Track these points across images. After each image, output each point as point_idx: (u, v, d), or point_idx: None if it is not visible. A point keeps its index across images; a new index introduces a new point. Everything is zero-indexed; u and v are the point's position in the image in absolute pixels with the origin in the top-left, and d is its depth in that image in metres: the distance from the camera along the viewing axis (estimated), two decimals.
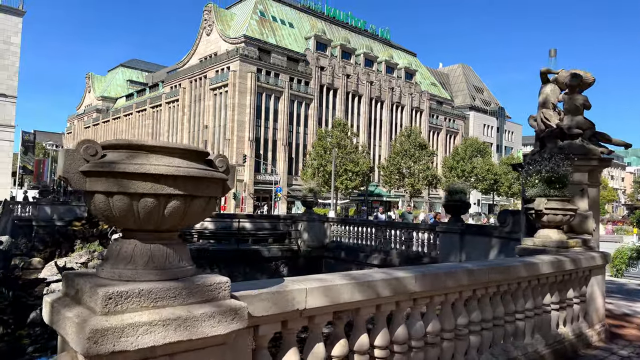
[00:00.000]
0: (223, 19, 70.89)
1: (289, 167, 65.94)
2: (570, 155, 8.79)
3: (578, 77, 9.20)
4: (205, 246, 15.87)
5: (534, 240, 6.69)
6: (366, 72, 76.99)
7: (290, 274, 16.42)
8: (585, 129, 9.33)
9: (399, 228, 14.79)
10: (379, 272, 3.33)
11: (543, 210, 6.54)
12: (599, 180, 9.18)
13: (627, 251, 12.77)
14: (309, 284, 2.79)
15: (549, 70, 9.99)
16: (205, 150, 2.36)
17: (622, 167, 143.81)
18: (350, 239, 16.34)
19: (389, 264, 14.63)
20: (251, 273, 15.75)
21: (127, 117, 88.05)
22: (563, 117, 9.63)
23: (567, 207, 6.48)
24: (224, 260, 15.52)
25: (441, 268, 3.82)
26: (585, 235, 7.92)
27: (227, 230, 16.51)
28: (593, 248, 7.35)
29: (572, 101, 9.30)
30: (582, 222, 7.99)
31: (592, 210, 8.92)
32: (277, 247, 16.18)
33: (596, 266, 5.88)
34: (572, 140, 8.91)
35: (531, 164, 7.46)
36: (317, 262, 16.77)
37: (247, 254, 15.57)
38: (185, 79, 72.09)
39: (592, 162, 8.63)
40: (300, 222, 16.90)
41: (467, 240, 12.14)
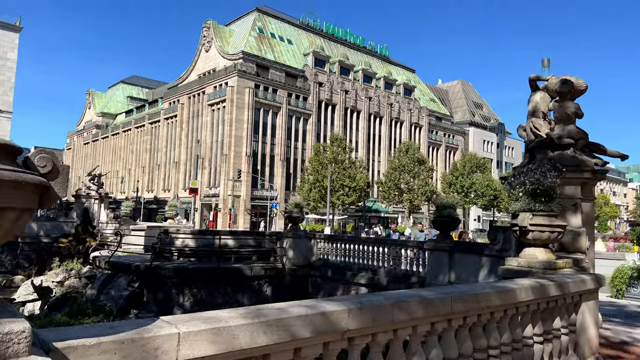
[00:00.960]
0: (222, 36, 71.11)
1: (286, 183, 65.32)
2: (560, 167, 8.14)
3: (568, 83, 8.60)
4: (184, 265, 15.15)
5: (518, 260, 6.00)
6: (365, 88, 76.89)
7: (274, 294, 15.65)
8: (577, 139, 8.70)
9: (386, 245, 14.07)
10: (300, 306, 2.64)
11: (528, 227, 5.87)
12: (593, 194, 8.50)
13: (628, 270, 12.00)
14: (189, 325, 2.11)
15: (538, 77, 9.40)
16: (10, 143, 1.71)
17: (624, 183, 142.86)
18: (338, 257, 15.60)
19: (376, 283, 13.89)
20: (233, 293, 14.99)
21: (126, 133, 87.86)
22: (554, 127, 9.01)
23: (554, 223, 5.81)
24: (203, 280, 14.79)
25: (389, 297, 3.13)
26: (577, 254, 7.23)
27: (208, 248, 15.79)
28: (586, 269, 6.65)
29: (563, 109, 8.68)
30: (574, 239, 7.30)
31: (586, 226, 8.23)
32: (260, 265, 15.42)
33: (587, 291, 5.17)
34: (563, 151, 8.27)
35: (516, 177, 6.80)
36: (303, 281, 16.01)
37: (228, 273, 14.83)
38: (183, 95, 72.02)
39: (585, 175, 7.98)
40: (286, 239, 16.18)
41: (457, 259, 11.41)
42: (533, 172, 6.24)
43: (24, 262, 26.93)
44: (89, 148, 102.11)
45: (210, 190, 63.49)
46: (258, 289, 15.32)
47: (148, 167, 79.06)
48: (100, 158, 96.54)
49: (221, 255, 15.80)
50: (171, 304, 14.87)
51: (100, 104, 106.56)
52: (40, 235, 27.62)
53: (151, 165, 78.68)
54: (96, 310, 13.98)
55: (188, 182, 69.36)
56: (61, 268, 18.42)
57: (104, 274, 15.65)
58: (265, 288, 15.44)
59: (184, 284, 14.76)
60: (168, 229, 17.13)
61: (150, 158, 78.94)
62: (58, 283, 16.93)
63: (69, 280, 16.92)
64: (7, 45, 48.10)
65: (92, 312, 13.86)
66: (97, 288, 14.89)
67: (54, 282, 17.01)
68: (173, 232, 16.65)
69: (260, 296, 15.34)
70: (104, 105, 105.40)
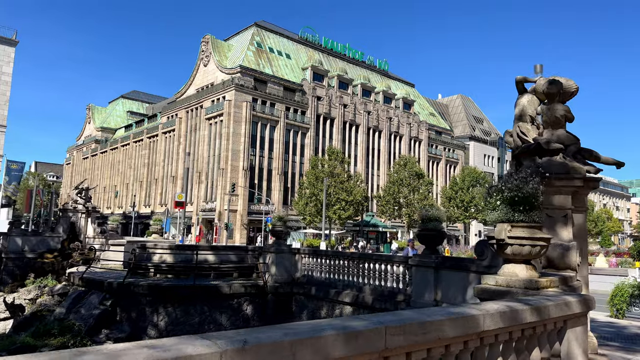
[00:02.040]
0: (220, 50, 71.16)
1: (284, 197, 64.60)
2: (544, 173, 7.41)
3: (557, 83, 7.92)
4: (159, 282, 14.34)
5: (496, 278, 5.24)
6: (363, 102, 76.61)
7: (256, 313, 14.81)
8: (568, 145, 7.97)
9: (372, 260, 13.26)
10: (139, 347, 1.90)
11: (506, 240, 5.12)
12: (585, 204, 7.75)
13: (628, 288, 11.16)
14: None
15: (525, 79, 8.72)
16: None
17: (627, 197, 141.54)
18: (322, 273, 14.78)
19: (361, 302, 13.06)
20: (210, 312, 14.15)
21: (125, 148, 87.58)
22: (542, 131, 8.29)
23: (536, 236, 5.05)
24: (179, 298, 13.97)
25: (291, 331, 2.39)
26: (567, 271, 6.45)
27: (186, 264, 15.01)
28: (576, 288, 5.87)
29: (552, 112, 7.98)
30: (563, 255, 6.53)
31: (578, 240, 7.45)
32: (239, 282, 14.59)
33: (573, 315, 4.40)
34: (552, 157, 7.54)
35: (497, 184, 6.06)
36: (287, 299, 15.16)
37: (205, 290, 14.02)
38: (181, 109, 71.85)
39: (576, 183, 7.23)
40: (268, 254, 15.38)
41: (443, 276, 10.61)
42: (513, 178, 5.51)
43: (8, 278, 26.08)
44: (88, 163, 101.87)
45: (207, 205, 62.78)
46: (237, 308, 14.49)
47: (146, 182, 78.52)
48: (99, 172, 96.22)
49: (199, 272, 15.00)
50: (145, 324, 14.04)
51: (100, 119, 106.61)
52: (25, 251, 26.85)
53: (149, 179, 78.16)
54: (63, 330, 13.20)
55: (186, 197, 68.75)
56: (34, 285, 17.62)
57: (75, 291, 14.86)
58: (246, 307, 14.61)
59: (159, 303, 13.95)
60: (145, 243, 16.38)
61: (148, 172, 78.45)
62: (30, 300, 16.13)
63: (41, 297, 16.12)
64: (2, 59, 47.97)
65: (59, 332, 13.07)
66: (66, 306, 14.09)
67: (26, 299, 16.21)
68: (150, 247, 15.88)
69: (240, 315, 14.51)
70: (103, 120, 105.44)
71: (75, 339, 12.95)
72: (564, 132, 7.96)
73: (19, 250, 26.80)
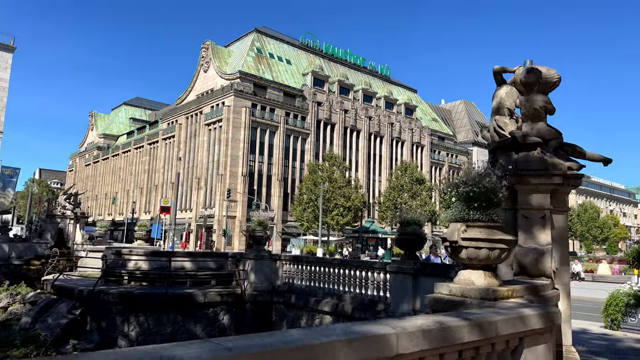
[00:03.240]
0: (220, 56, 70.96)
1: (284, 203, 63.91)
2: (523, 171, 6.70)
3: (535, 72, 7.22)
4: (130, 290, 13.68)
5: (450, 287, 4.53)
6: (365, 108, 76.01)
7: (233, 323, 14.10)
8: (548, 139, 7.25)
9: (352, 267, 12.54)
10: None
11: (459, 242, 4.42)
12: (567, 204, 7.01)
13: (624, 297, 10.35)
14: None
15: (504, 69, 8.01)
16: None
17: (634, 204, 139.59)
18: (303, 281, 14.06)
19: (340, 311, 12.33)
20: (184, 322, 13.46)
21: (126, 154, 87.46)
22: (521, 125, 7.60)
23: (495, 237, 4.34)
24: (151, 306, 13.30)
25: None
26: (542, 279, 5.72)
27: (162, 271, 14.34)
28: (549, 298, 5.15)
29: (530, 103, 7.27)
30: (537, 260, 5.80)
31: (558, 243, 6.71)
32: (215, 291, 13.89)
33: (532, 332, 3.68)
34: (529, 152, 6.83)
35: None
36: (267, 308, 14.43)
37: (179, 299, 13.34)
38: (181, 115, 71.58)
39: (555, 180, 6.51)
40: (248, 261, 14.69)
41: (422, 283, 9.87)
42: (471, 172, 4.81)
43: None
44: (90, 169, 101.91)
45: (206, 211, 62.23)
46: (213, 318, 13.79)
47: (146, 188, 78.20)
48: (101, 179, 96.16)
49: (175, 280, 14.33)
50: (115, 334, 13.37)
51: (102, 126, 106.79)
52: (12, 257, 26.35)
53: (149, 186, 77.83)
54: (27, 340, 12.55)
55: (185, 203, 68.31)
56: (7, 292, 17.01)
57: (44, 300, 14.24)
58: (222, 316, 13.90)
59: (130, 311, 13.28)
60: (121, 249, 15.75)
61: (148, 179, 78.16)
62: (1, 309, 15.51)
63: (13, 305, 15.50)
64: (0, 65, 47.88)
65: (22, 342, 12.43)
66: (32, 315, 13.45)
67: None
68: (125, 254, 15.24)
69: (216, 325, 13.81)
70: (106, 127, 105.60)
71: (39, 349, 12.30)
72: (544, 126, 7.26)
73: (6, 256, 26.28)
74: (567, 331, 6.47)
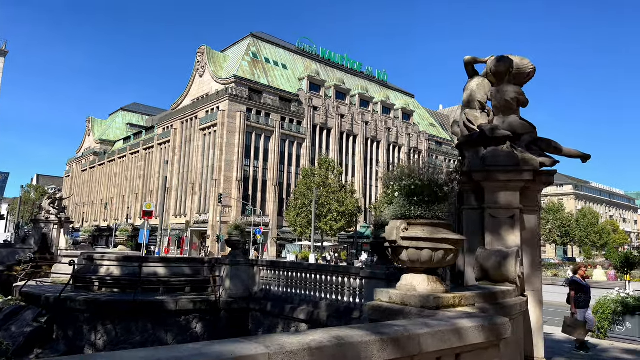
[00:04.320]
0: (216, 61, 70.67)
1: (279, 209, 63.28)
2: (491, 167, 6.16)
3: (505, 60, 6.69)
4: (98, 297, 13.10)
5: (390, 293, 3.98)
6: (361, 113, 75.59)
7: (207, 332, 13.50)
8: (521, 133, 6.70)
9: (329, 273, 11.97)
10: None
11: (398, 242, 3.87)
12: (538, 202, 6.46)
13: (611, 304, 9.77)
14: None
15: (475, 60, 7.48)
16: None
17: (634, 209, 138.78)
18: (280, 287, 13.48)
19: (316, 319, 11.74)
20: (154, 331, 12.86)
21: (121, 160, 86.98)
22: (492, 118, 7.07)
23: (438, 236, 3.80)
24: (119, 314, 12.71)
25: None
26: (506, 284, 5.16)
27: (134, 277, 13.76)
28: (510, 307, 4.58)
29: (501, 95, 6.73)
30: (500, 264, 5.24)
31: (528, 246, 6.16)
32: (187, 298, 13.30)
33: (471, 347, 3.12)
34: (498, 147, 6.29)
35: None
36: (243, 315, 13.83)
37: (150, 306, 12.75)
38: (177, 120, 71.16)
39: (525, 176, 5.96)
40: (224, 267, 14.11)
41: None
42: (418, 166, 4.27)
43: None
44: (86, 175, 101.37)
45: (200, 217, 61.64)
46: (186, 326, 13.19)
47: (141, 193, 77.61)
48: (97, 185, 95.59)
49: (147, 286, 13.75)
50: (82, 343, 12.78)
51: (99, 131, 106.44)
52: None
53: (144, 191, 77.27)
54: None
55: (180, 208, 67.73)
56: None
57: (10, 307, 13.65)
58: (195, 325, 13.31)
59: (97, 319, 12.70)
60: (93, 254, 15.20)
61: (143, 184, 77.61)
62: None
63: None
64: None
65: None
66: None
67: None
68: (97, 259, 14.68)
69: (188, 334, 13.20)
70: (102, 133, 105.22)
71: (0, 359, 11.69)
72: (516, 119, 6.73)
73: None
74: (538, 342, 5.90)
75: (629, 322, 9.42)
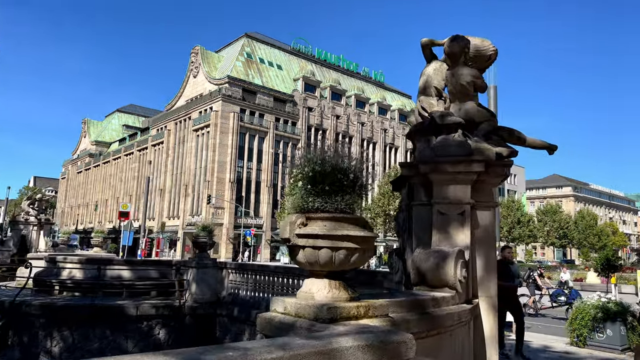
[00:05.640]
0: (210, 61, 70.13)
1: (273, 210, 62.61)
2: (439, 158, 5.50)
3: (460, 40, 6.00)
4: (54, 301, 12.43)
5: (286, 302, 3.31)
6: (357, 113, 74.99)
7: (171, 338, 12.82)
8: (479, 122, 6.01)
9: (295, 276, 11.31)
10: None
11: (293, 241, 3.22)
12: (494, 197, 5.78)
13: (590, 309, 9.08)
14: None
15: (432, 42, 6.79)
16: None
17: (634, 211, 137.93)
18: (248, 291, 12.82)
19: None
20: (114, 337, 12.20)
21: (116, 161, 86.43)
22: (449, 106, 6.41)
23: (337, 233, 3.13)
24: (77, 320, 12.04)
25: None
26: (444, 290, 4.48)
27: (96, 280, 13.09)
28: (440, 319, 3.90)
29: (456, 78, 6.04)
30: (438, 266, 4.56)
31: (483, 247, 5.48)
32: (150, 303, 12.64)
33: None
34: (448, 135, 5.63)
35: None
36: (209, 321, 13.16)
37: (109, 311, 12.08)
38: (170, 121, 70.60)
39: (474, 167, 5.27)
40: (190, 269, 13.44)
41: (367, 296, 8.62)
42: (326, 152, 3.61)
43: None
44: (81, 177, 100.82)
45: (193, 219, 60.94)
46: (148, 332, 12.52)
47: (135, 195, 76.93)
48: (92, 187, 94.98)
49: (109, 290, 13.08)
50: (37, 350, 12.11)
51: (95, 133, 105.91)
52: None
53: (138, 192, 76.56)
54: None
55: (173, 210, 67.04)
56: None
57: None
58: (158, 331, 12.63)
59: (53, 325, 12.04)
60: (55, 256, 14.55)
61: (137, 186, 76.92)
62: None
63: None
64: None
65: None
66: None
67: None
68: (60, 261, 14.02)
69: (151, 340, 12.54)
70: (98, 134, 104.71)
71: None
72: (473, 106, 6.05)
73: None
74: (492, 354, 5.22)
75: (610, 329, 8.74)
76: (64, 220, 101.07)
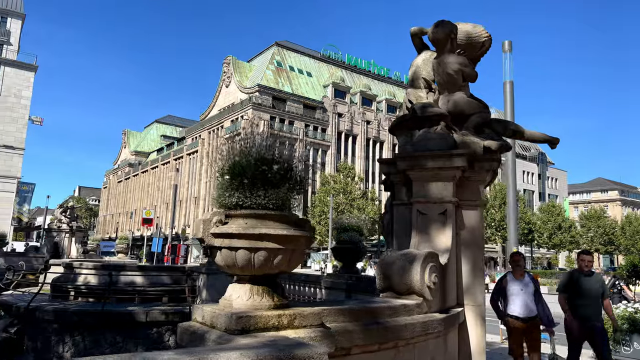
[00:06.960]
0: (241, 71, 71.13)
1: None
2: (419, 153, 5.03)
3: (445, 25, 5.53)
4: (67, 307, 12.54)
5: (204, 310, 2.98)
6: (388, 119, 73.98)
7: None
8: (469, 113, 5.51)
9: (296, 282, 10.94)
10: None
11: (208, 241, 2.88)
12: (480, 196, 5.23)
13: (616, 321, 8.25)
14: None
15: (422, 31, 6.34)
16: None
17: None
18: None
19: None
20: (124, 343, 12.16)
21: (154, 171, 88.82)
22: (438, 98, 5.93)
23: (255, 232, 2.76)
24: (89, 326, 12.08)
25: None
26: (411, 297, 4.01)
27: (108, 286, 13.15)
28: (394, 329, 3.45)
29: (443, 67, 5.56)
30: (404, 269, 4.09)
31: (468, 249, 4.96)
32: (159, 309, 12.55)
33: None
34: (429, 129, 5.15)
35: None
36: None
37: (119, 318, 12.07)
38: (204, 130, 71.96)
39: (455, 162, 4.77)
40: (201, 275, 13.30)
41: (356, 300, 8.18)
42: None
43: None
44: (121, 186, 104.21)
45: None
46: (158, 339, 12.41)
47: (171, 203, 78.66)
48: (131, 195, 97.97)
49: (121, 296, 13.11)
50: (50, 355, 12.23)
51: (134, 143, 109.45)
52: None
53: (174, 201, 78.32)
54: None
55: None
56: None
57: None
58: (168, 337, 12.51)
59: (66, 331, 12.12)
60: (72, 262, 14.76)
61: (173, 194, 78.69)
62: None
63: None
64: (22, 84, 49.36)
65: None
66: None
67: None
68: (76, 267, 14.20)
69: (161, 347, 12.42)
70: (137, 144, 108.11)
71: None
72: (462, 96, 5.55)
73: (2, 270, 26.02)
74: None
75: (637, 342, 7.91)
76: (105, 228, 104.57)
